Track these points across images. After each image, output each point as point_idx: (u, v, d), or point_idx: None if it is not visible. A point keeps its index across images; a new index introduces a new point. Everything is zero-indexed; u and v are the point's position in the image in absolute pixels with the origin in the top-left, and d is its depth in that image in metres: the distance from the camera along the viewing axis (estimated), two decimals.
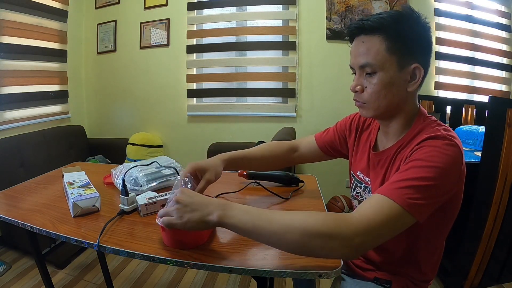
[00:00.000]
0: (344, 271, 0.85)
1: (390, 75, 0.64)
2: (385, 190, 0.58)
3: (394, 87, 0.65)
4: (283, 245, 0.56)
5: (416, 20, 0.64)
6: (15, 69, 2.11)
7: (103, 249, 0.67)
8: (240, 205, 0.60)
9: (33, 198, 0.95)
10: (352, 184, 0.86)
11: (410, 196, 0.55)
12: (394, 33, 0.63)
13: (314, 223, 0.54)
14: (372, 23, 0.64)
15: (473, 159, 1.43)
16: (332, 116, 2.33)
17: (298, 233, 0.53)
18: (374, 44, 0.64)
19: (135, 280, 1.65)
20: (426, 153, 0.59)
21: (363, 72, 0.67)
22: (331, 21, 2.28)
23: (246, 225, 0.56)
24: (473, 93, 2.38)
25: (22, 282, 1.58)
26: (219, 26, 2.49)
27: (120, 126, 2.77)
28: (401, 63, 0.64)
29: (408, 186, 0.56)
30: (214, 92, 2.60)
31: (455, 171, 0.60)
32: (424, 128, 0.66)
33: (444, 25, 2.26)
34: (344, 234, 0.52)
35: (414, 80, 0.66)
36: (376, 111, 0.69)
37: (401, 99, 0.68)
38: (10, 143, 1.92)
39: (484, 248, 1.40)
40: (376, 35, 0.64)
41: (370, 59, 0.65)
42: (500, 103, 1.33)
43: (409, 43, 0.63)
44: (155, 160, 1.10)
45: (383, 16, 0.64)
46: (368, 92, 0.67)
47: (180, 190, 0.62)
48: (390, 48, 0.63)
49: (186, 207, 0.58)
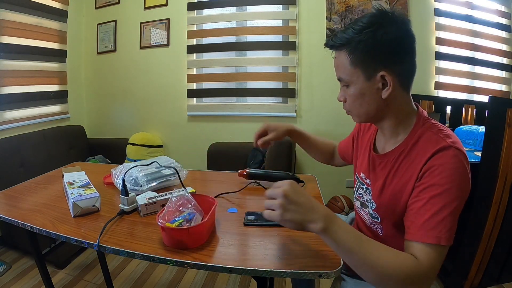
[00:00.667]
0: (345, 272, 0.85)
1: (359, 86, 0.67)
2: (419, 236, 0.59)
3: (366, 96, 0.67)
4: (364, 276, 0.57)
5: (384, 25, 0.62)
6: (15, 69, 2.11)
7: (103, 249, 0.67)
8: (342, 221, 0.58)
9: (33, 198, 0.95)
10: (356, 185, 0.87)
11: (444, 231, 0.57)
12: (355, 45, 0.64)
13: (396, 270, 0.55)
14: (339, 39, 0.67)
15: (473, 159, 1.43)
16: (332, 116, 2.33)
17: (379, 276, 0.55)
18: (341, 60, 0.67)
19: (135, 280, 1.65)
20: (438, 175, 0.59)
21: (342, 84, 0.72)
22: (331, 21, 2.28)
23: (344, 245, 0.56)
24: (473, 93, 2.38)
25: (22, 282, 1.58)
26: (219, 26, 2.49)
27: (120, 126, 2.77)
28: (366, 74, 0.65)
29: (438, 222, 0.58)
30: (214, 92, 2.60)
31: (467, 180, 0.61)
32: (425, 133, 0.66)
33: (444, 25, 2.26)
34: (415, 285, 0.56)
35: (387, 87, 0.65)
36: (360, 118, 0.73)
37: (379, 106, 0.68)
38: (10, 143, 1.92)
39: (484, 248, 1.40)
40: (343, 50, 0.67)
41: (340, 73, 0.69)
42: (500, 103, 1.33)
43: (370, 53, 0.63)
44: (155, 160, 1.10)
45: (349, 31, 0.65)
46: (348, 102, 0.72)
47: (289, 182, 0.59)
48: (353, 62, 0.65)
49: (291, 205, 0.56)
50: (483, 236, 1.38)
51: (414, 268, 0.56)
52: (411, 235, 0.60)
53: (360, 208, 0.83)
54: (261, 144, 0.98)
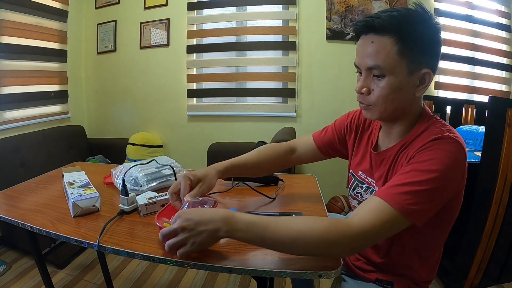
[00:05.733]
0: (345, 272, 0.85)
1: (399, 79, 0.61)
2: (384, 194, 0.58)
3: (402, 91, 0.63)
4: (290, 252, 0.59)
5: (427, 20, 0.61)
6: (15, 69, 2.11)
7: (103, 249, 0.67)
8: (244, 216, 0.58)
9: (33, 198, 0.95)
10: (352, 184, 0.85)
11: (409, 201, 0.56)
12: (406, 35, 0.59)
13: (318, 232, 0.56)
14: (383, 21, 0.59)
15: (473, 159, 1.43)
16: (332, 116, 2.29)
17: (303, 244, 0.56)
18: (384, 46, 0.60)
19: (135, 280, 1.65)
20: (428, 155, 0.59)
21: (370, 74, 0.64)
22: (331, 21, 2.28)
23: (255, 238, 0.57)
24: (473, 93, 2.38)
25: (22, 282, 1.58)
26: (219, 26, 2.49)
27: (120, 126, 2.77)
28: (411, 68, 0.61)
29: (408, 191, 0.57)
30: (214, 92, 2.60)
31: (458, 172, 0.60)
32: (429, 128, 0.65)
33: (444, 25, 2.26)
34: (345, 241, 0.56)
35: (423, 85, 0.64)
36: (381, 114, 0.67)
37: (408, 103, 0.66)
38: (10, 143, 1.92)
39: (484, 248, 1.40)
40: (387, 35, 0.60)
41: (380, 61, 0.61)
42: (500, 103, 1.33)
43: (421, 46, 0.60)
44: (154, 159, 1.10)
45: (395, 15, 0.59)
46: (375, 95, 0.64)
47: (177, 215, 0.59)
48: (401, 52, 0.59)
49: (192, 231, 0.57)
50: (483, 236, 1.38)
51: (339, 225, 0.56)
52: (377, 192, 0.61)
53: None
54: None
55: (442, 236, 0.72)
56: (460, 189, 0.65)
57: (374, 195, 0.61)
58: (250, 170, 0.91)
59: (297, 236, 0.56)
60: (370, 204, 0.59)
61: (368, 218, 0.56)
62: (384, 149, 0.75)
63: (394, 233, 0.58)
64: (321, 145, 0.93)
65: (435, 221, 0.65)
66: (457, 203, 0.67)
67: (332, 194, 2.32)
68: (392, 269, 0.75)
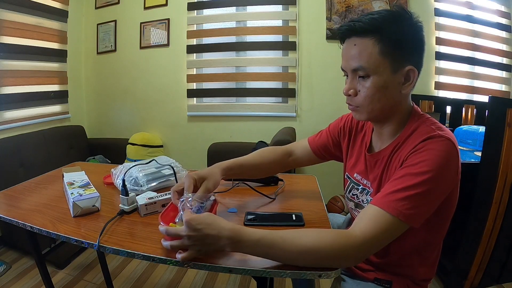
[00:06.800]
0: (344, 272, 0.85)
1: (383, 78, 0.63)
2: (381, 202, 0.60)
3: (388, 90, 0.65)
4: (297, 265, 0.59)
5: (408, 20, 0.63)
6: (15, 69, 2.11)
7: (103, 249, 0.67)
8: (251, 234, 0.58)
9: (33, 198, 0.95)
10: (348, 186, 0.86)
11: (406, 207, 0.57)
12: (387, 35, 0.61)
13: (324, 247, 0.57)
14: (364, 24, 0.62)
15: (473, 159, 1.43)
16: (332, 116, 2.30)
17: (310, 259, 0.58)
18: (366, 47, 0.62)
19: (135, 280, 1.65)
20: (420, 157, 0.60)
21: (355, 76, 0.66)
22: (331, 21, 2.28)
23: (261, 255, 0.59)
24: (473, 93, 2.38)
25: (22, 282, 1.58)
26: (219, 26, 2.49)
27: (120, 126, 2.77)
28: (394, 66, 0.63)
29: (404, 197, 0.58)
30: (214, 92, 2.60)
31: (451, 169, 0.61)
32: (419, 127, 0.66)
33: (444, 25, 2.26)
34: (351, 253, 0.57)
35: (408, 82, 0.65)
36: (369, 114, 0.69)
37: (395, 101, 0.67)
38: (10, 143, 1.92)
39: (484, 248, 1.40)
40: (368, 37, 0.62)
41: (363, 62, 0.63)
42: (500, 103, 1.33)
43: (402, 45, 0.62)
44: (154, 159, 1.10)
45: (375, 17, 0.62)
46: (361, 95, 0.66)
47: (186, 222, 0.58)
48: (383, 51, 0.62)
49: (198, 241, 0.58)
50: (483, 236, 1.38)
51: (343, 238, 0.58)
52: (374, 200, 0.62)
53: (355, 209, 0.83)
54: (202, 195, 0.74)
55: (440, 234, 0.73)
56: (455, 185, 0.66)
57: (371, 203, 0.62)
58: (250, 171, 0.92)
59: (304, 251, 0.57)
60: (369, 214, 0.60)
61: (369, 227, 0.58)
62: (378, 150, 0.76)
63: (395, 238, 0.60)
64: (316, 148, 0.95)
65: (433, 219, 0.66)
66: (453, 199, 0.68)
67: (332, 194, 2.32)
68: (391, 268, 0.76)
